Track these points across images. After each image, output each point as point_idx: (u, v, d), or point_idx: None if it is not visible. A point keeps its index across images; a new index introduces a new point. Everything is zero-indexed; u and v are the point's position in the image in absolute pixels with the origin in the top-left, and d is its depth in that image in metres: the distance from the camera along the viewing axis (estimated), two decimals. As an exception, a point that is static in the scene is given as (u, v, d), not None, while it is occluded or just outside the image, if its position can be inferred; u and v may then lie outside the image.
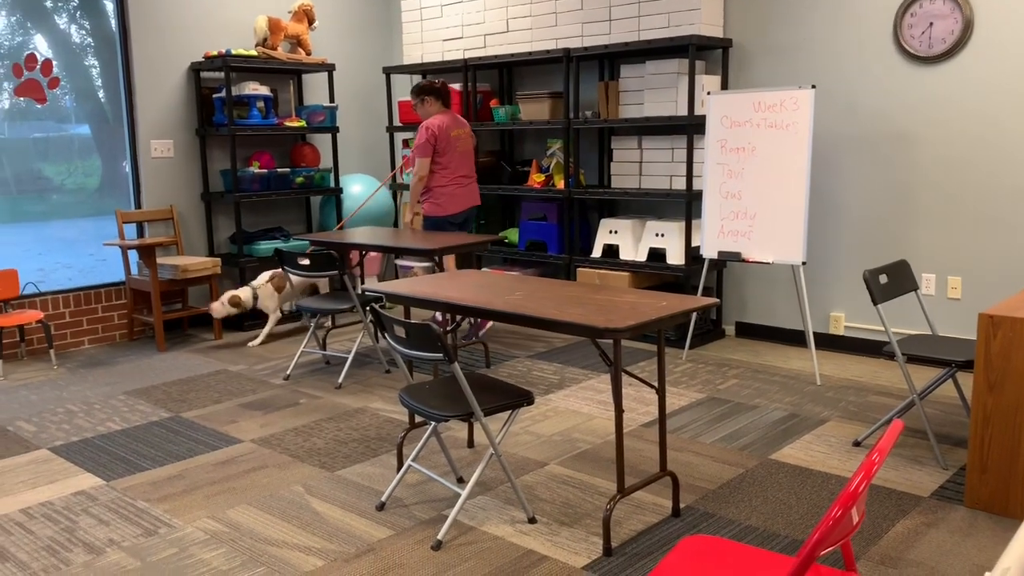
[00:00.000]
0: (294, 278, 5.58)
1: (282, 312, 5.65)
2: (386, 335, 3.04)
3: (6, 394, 4.66)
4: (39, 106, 5.52)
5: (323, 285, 5.87)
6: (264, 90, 6.14)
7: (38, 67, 5.50)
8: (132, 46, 5.77)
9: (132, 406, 4.40)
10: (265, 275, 5.55)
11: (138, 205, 5.95)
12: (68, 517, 3.13)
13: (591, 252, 5.85)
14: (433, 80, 5.30)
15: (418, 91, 5.29)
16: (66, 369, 5.16)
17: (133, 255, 5.84)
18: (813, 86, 4.51)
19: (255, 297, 5.50)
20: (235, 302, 5.39)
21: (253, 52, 5.98)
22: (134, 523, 3.07)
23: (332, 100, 6.54)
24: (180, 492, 3.32)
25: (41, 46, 5.51)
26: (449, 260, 5.59)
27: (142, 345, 5.70)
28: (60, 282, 5.68)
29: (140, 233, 6.01)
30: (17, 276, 5.26)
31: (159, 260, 5.61)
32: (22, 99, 5.46)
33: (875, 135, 4.88)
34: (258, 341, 5.57)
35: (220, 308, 5.40)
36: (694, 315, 5.11)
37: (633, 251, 5.48)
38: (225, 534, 2.96)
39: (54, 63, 5.55)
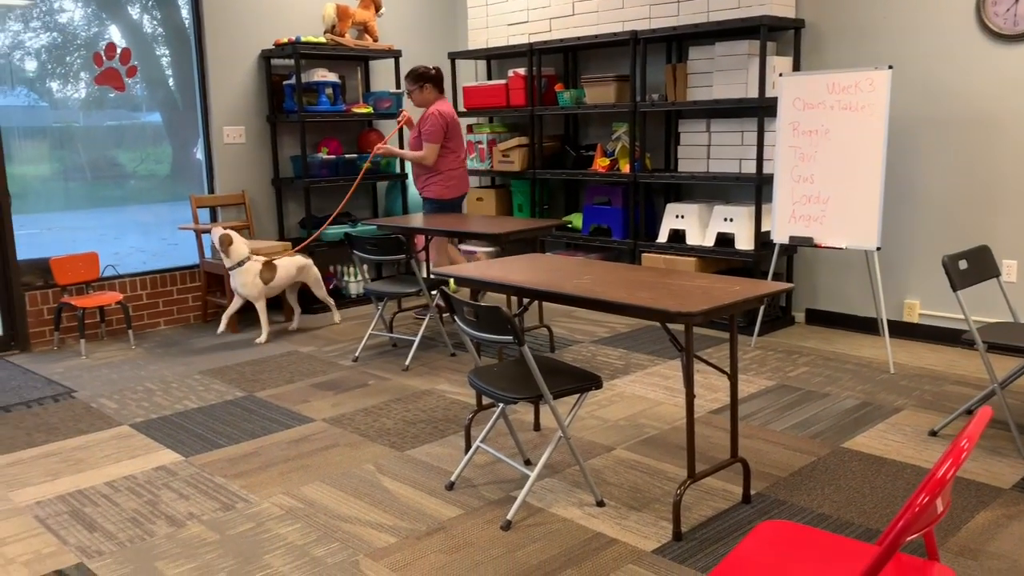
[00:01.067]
0: (281, 273, 5.37)
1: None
2: (455, 317, 3.07)
3: (88, 372, 4.85)
4: (113, 95, 5.70)
5: (311, 280, 5.59)
6: (332, 77, 6.23)
7: (117, 56, 5.67)
8: (206, 34, 5.90)
9: (207, 385, 4.53)
10: (261, 259, 5.32)
11: (211, 190, 6.10)
12: (150, 491, 3.25)
13: (656, 237, 5.80)
14: (428, 67, 5.41)
15: (417, 77, 5.39)
16: (143, 349, 5.33)
17: (207, 239, 5.99)
18: (890, 67, 4.38)
19: (241, 264, 5.24)
20: (227, 240, 5.19)
21: (322, 39, 6.06)
22: (212, 498, 3.17)
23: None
24: (256, 469, 3.42)
25: (115, 36, 5.68)
26: (443, 246, 5.53)
27: (215, 327, 5.86)
28: (134, 265, 5.87)
29: (213, 217, 6.17)
30: (98, 259, 5.45)
31: (232, 244, 5.73)
32: (98, 88, 5.64)
33: (954, 117, 4.72)
34: (263, 338, 5.40)
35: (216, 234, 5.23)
36: (764, 301, 5.04)
37: (700, 236, 5.42)
38: (300, 510, 3.04)
39: (132, 52, 5.72)
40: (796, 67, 5.26)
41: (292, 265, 5.44)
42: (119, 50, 5.67)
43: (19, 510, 3.11)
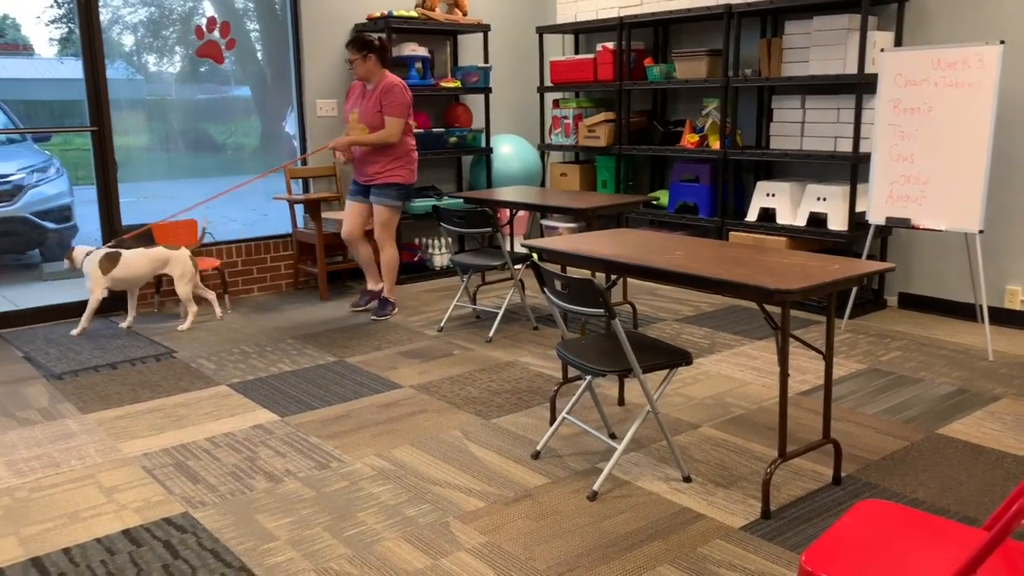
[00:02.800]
0: (134, 268, 4.97)
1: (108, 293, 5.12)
2: (545, 289, 3.10)
3: (188, 334, 5.05)
4: (204, 69, 5.88)
5: (176, 274, 5.10)
6: (422, 51, 6.29)
7: (217, 29, 5.84)
8: (301, 8, 6.03)
9: (300, 350, 4.68)
10: (102, 251, 4.95)
11: (304, 162, 6.25)
12: (248, 448, 3.39)
13: (745, 216, 5.70)
14: (373, 36, 4.99)
15: (361, 46, 4.92)
16: (239, 314, 5.53)
17: (299, 209, 6.15)
18: (1002, 42, 4.19)
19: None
20: (68, 256, 4.97)
21: (413, 13, 6.13)
22: (308, 456, 3.29)
23: (486, 61, 6.62)
24: (348, 430, 3.53)
25: (208, 11, 5.85)
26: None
27: (306, 294, 6.03)
28: (228, 234, 6.08)
29: (306, 189, 6.32)
30: (197, 226, 5.66)
31: (323, 214, 5.89)
32: (192, 61, 5.82)
33: (1069, 95, 4.49)
34: (126, 323, 5.23)
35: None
36: (863, 281, 4.92)
37: (791, 215, 5.31)
38: (391, 471, 3.13)
39: (231, 25, 5.88)
40: (898, 42, 5.08)
41: (144, 257, 4.98)
42: (219, 23, 5.84)
43: (128, 460, 3.29)
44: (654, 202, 6.31)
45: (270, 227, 6.27)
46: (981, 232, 4.33)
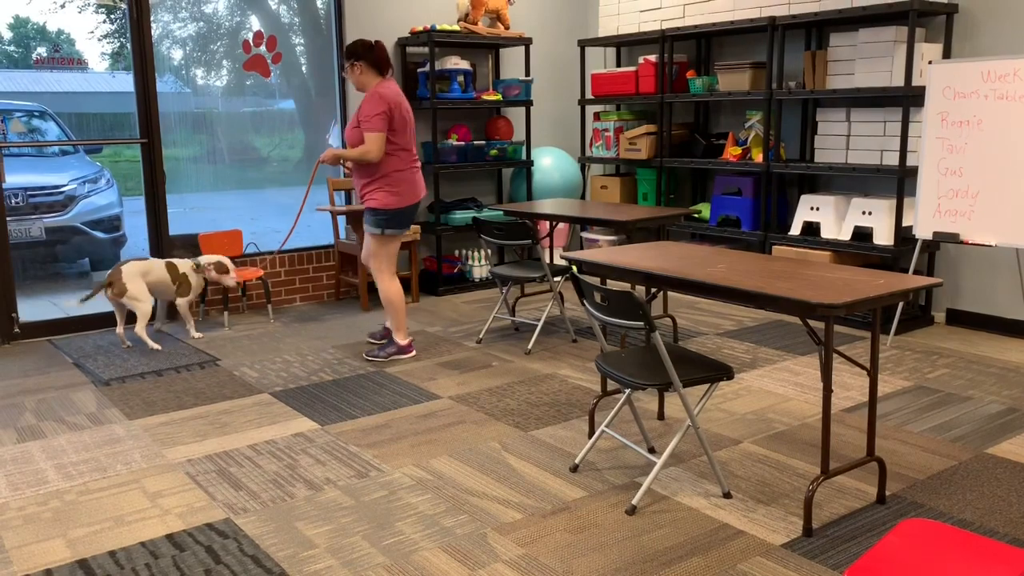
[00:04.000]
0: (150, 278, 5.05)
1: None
2: (584, 301, 3.09)
3: (232, 342, 5.14)
4: (250, 82, 5.99)
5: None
6: (464, 64, 6.34)
7: (264, 43, 5.95)
8: (346, 22, 6.12)
9: (341, 359, 4.73)
10: (190, 262, 5.18)
11: (346, 174, 6.32)
12: (289, 455, 3.43)
13: (788, 230, 5.64)
14: (368, 40, 4.51)
15: (348, 54, 4.49)
16: (281, 323, 5.60)
17: (341, 221, 6.22)
18: (1054, 53, 4.10)
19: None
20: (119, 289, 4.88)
21: (456, 27, 6.18)
22: (347, 465, 3.31)
23: (528, 74, 6.65)
24: (387, 440, 3.55)
25: (255, 26, 5.96)
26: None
27: (347, 304, 6.09)
28: (271, 244, 6.17)
29: (348, 200, 6.40)
30: (241, 236, 5.76)
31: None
32: (239, 75, 5.94)
33: (1126, 107, 4.37)
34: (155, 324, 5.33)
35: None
36: (904, 300, 4.83)
37: (836, 230, 5.23)
38: (429, 481, 3.14)
39: (277, 39, 6.00)
40: (947, 54, 5.00)
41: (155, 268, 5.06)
42: (266, 37, 5.95)
43: (172, 466, 3.35)
44: (695, 215, 6.27)
45: (313, 238, 6.35)
46: (1033, 247, 4.23)
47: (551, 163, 6.88)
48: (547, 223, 6.64)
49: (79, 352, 4.97)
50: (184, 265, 5.12)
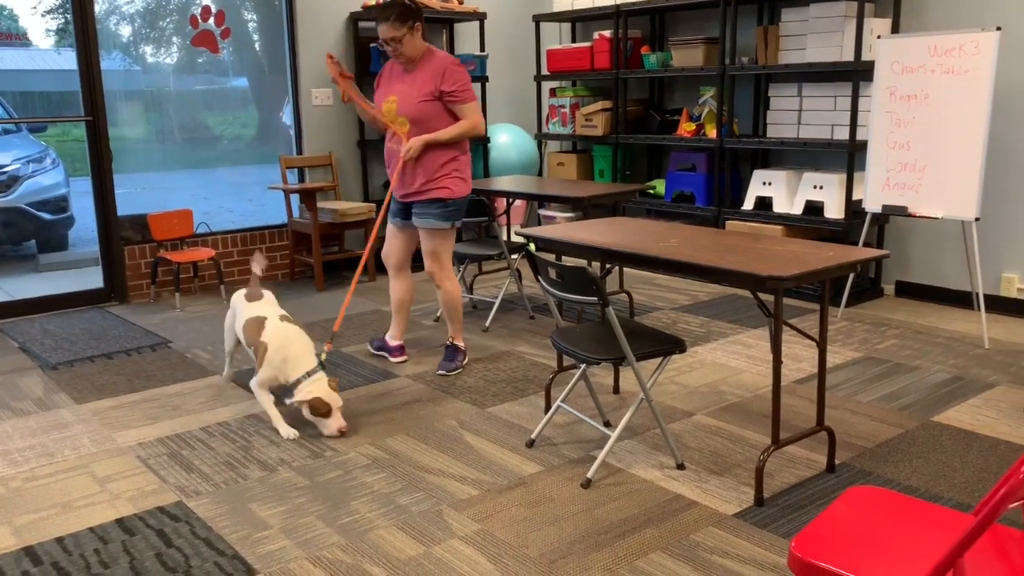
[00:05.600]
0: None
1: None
2: (539, 277, 3.09)
3: (183, 324, 5.05)
4: (202, 59, 5.85)
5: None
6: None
7: (212, 18, 5.81)
8: (296, -3, 6.00)
9: (295, 340, 4.67)
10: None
11: (299, 151, 6.23)
12: (243, 437, 3.39)
13: (741, 204, 5.69)
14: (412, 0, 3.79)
15: (407, 14, 3.66)
16: (235, 304, 5.52)
17: (295, 199, 6.14)
18: (998, 28, 4.17)
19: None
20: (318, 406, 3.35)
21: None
22: (302, 446, 3.29)
23: (483, 49, 6.59)
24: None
25: (205, 0, 5.82)
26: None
27: (302, 285, 6.02)
28: (224, 224, 6.07)
29: (301, 178, 6.31)
30: (192, 216, 5.65)
31: (318, 204, 5.87)
32: (188, 52, 5.80)
33: (1067, 81, 4.48)
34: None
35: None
36: (852, 272, 4.91)
37: (788, 204, 5.29)
38: (385, 460, 3.13)
39: (225, 14, 5.86)
40: (895, 29, 5.06)
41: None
42: (214, 12, 5.81)
43: (123, 450, 3.29)
44: (651, 191, 6.29)
45: (267, 217, 6.26)
46: (977, 220, 4.32)
47: (508, 140, 6.84)
48: (504, 200, 6.62)
49: (25, 336, 4.85)
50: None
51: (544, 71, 7.14)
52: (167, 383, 4.03)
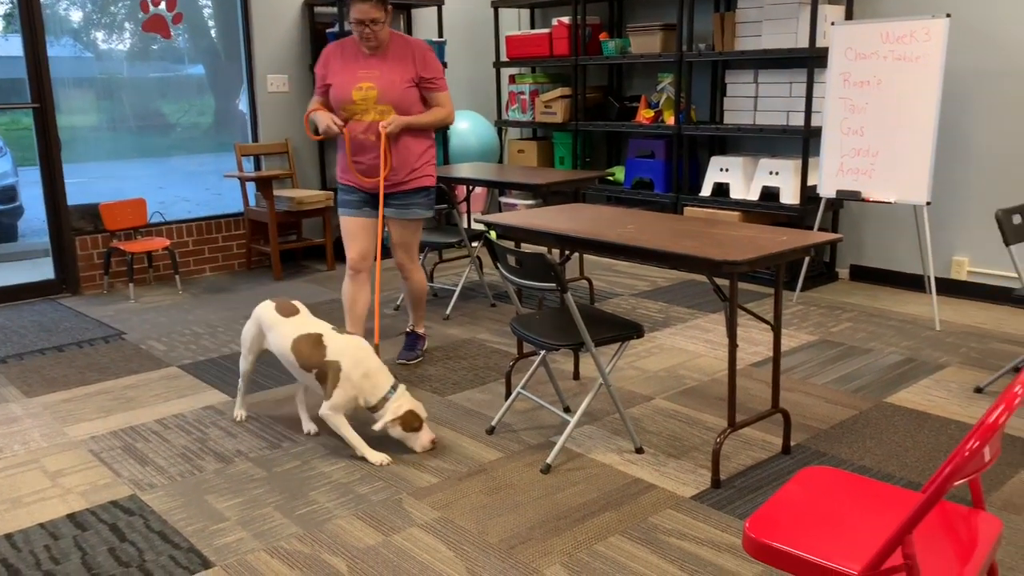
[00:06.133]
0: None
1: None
2: (498, 265, 3.08)
3: (138, 315, 4.96)
4: (157, 46, 5.73)
5: None
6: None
7: (163, 2, 5.69)
8: (250, -19, 5.90)
9: (253, 330, 4.62)
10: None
11: (255, 139, 6.14)
12: (199, 428, 3.34)
13: (699, 191, 5.73)
14: None
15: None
16: (190, 294, 5.44)
17: (251, 187, 6.05)
18: (948, 15, 4.24)
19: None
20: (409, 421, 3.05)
21: (365, -14, 6.01)
22: (259, 437, 3.25)
23: (441, 35, 6.54)
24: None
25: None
26: None
27: (259, 274, 5.95)
28: (180, 213, 5.96)
29: (257, 166, 6.22)
30: (145, 205, 5.54)
31: (275, 192, 5.80)
32: (142, 38, 5.67)
33: (1013, 69, 4.57)
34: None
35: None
36: (807, 256, 4.97)
37: (744, 190, 5.34)
38: (343, 450, 3.11)
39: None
40: (849, 15, 5.11)
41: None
42: (165, -3, 5.69)
43: (74, 444, 3.22)
44: (610, 178, 6.31)
45: (224, 206, 6.16)
46: (929, 204, 4.40)
47: (468, 127, 6.81)
48: (464, 187, 6.59)
49: (-28, 329, 4.73)
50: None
51: (503, 58, 7.11)
52: (121, 375, 3.96)
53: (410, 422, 3.00)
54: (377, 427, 2.98)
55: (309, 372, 3.05)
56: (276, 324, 3.16)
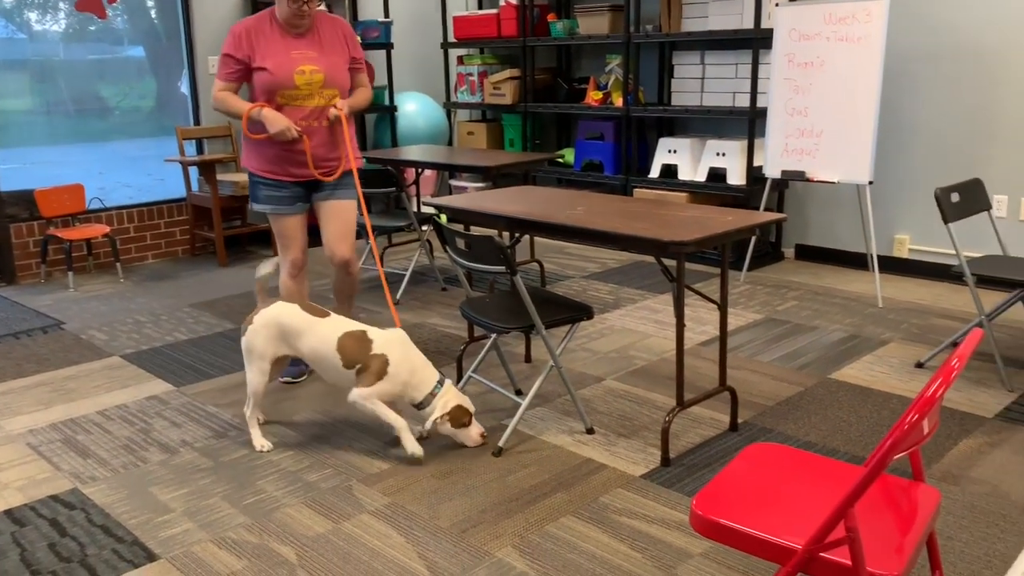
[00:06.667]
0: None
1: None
2: (448, 248, 3.06)
3: (77, 304, 4.82)
4: (94, 27, 5.55)
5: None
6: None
7: (97, -19, 5.50)
8: (188, -40, 5.73)
9: (197, 318, 4.52)
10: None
11: (197, 122, 6.00)
12: (142, 419, 3.27)
13: (648, 173, 5.76)
14: None
15: None
16: (132, 282, 5.30)
17: (193, 172, 5.91)
18: (888, -4, 4.30)
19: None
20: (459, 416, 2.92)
21: (308, -35, 5.89)
22: (205, 426, 3.19)
23: (387, 15, 6.45)
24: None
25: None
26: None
27: (203, 260, 5.83)
28: (121, 199, 5.80)
29: (200, 150, 6.08)
30: (83, 191, 5.38)
31: (218, 177, 5.67)
32: (78, 19, 5.49)
33: (952, 49, 4.66)
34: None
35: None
36: (753, 237, 5.04)
37: (692, 171, 5.38)
38: (292, 438, 3.06)
39: (113, -23, 5.56)
40: (793, -2, 5.16)
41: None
42: (99, -25, 5.50)
43: (11, 438, 3.13)
44: (560, 160, 6.31)
45: (166, 191, 6.01)
46: (871, 183, 4.48)
47: (415, 109, 6.74)
48: (413, 170, 6.53)
49: (-99, 322, 4.55)
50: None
51: (451, 38, 7.04)
52: (60, 366, 3.85)
53: (459, 418, 2.88)
54: (427, 427, 2.85)
55: (350, 369, 2.87)
56: (311, 326, 2.90)
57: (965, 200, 3.51)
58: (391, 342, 2.88)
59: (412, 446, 2.84)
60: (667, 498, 2.59)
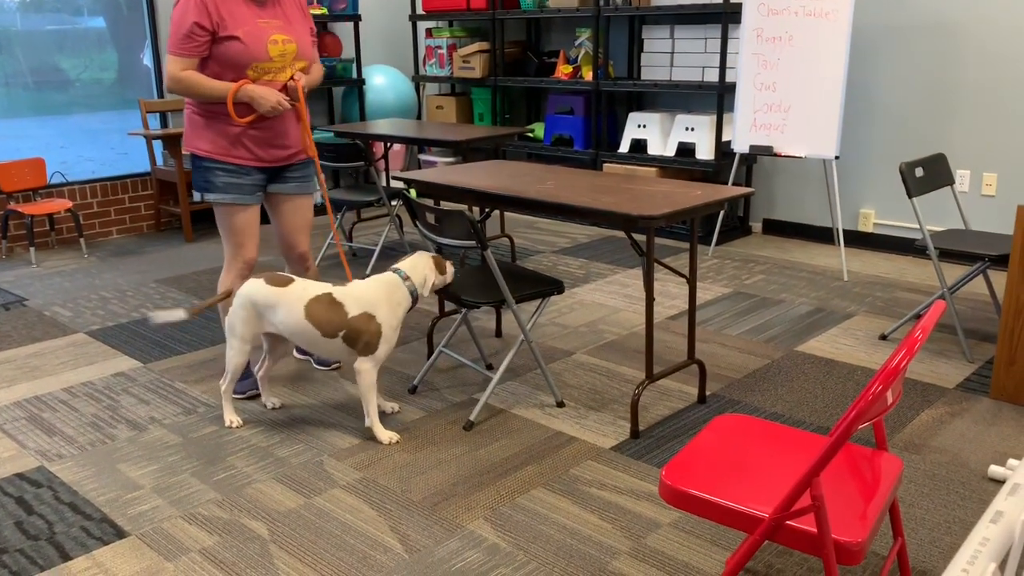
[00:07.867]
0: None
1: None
2: (418, 223, 3.04)
3: (40, 281, 4.74)
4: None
5: None
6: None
7: (55, -51, 5.36)
8: (149, -73, 5.60)
9: (163, 293, 4.47)
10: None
11: (160, 95, 5.89)
12: (110, 396, 3.23)
13: (618, 147, 5.76)
14: None
15: None
16: (97, 258, 5.22)
17: (158, 146, 5.81)
18: (856, -29, 4.33)
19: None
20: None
21: (273, -65, 5.78)
22: (173, 402, 3.16)
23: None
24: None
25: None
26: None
27: (169, 235, 5.75)
28: (83, 174, 5.69)
29: (164, 123, 5.97)
30: (44, 165, 5.27)
31: (183, 150, 5.58)
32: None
33: (918, 24, 4.70)
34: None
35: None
36: (721, 211, 5.07)
37: (661, 146, 5.40)
38: (262, 413, 3.05)
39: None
40: (762, -28, 5.16)
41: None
42: (56, -58, 5.35)
43: (-25, 416, 3.08)
44: (530, 134, 6.29)
45: (131, 166, 5.90)
46: (837, 158, 4.53)
47: (384, 82, 6.67)
48: (382, 145, 6.47)
49: None
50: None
51: (419, 10, 6.96)
52: (24, 343, 3.79)
53: (440, 267, 2.87)
54: (425, 294, 2.82)
55: (334, 339, 2.73)
56: (278, 299, 2.75)
57: (929, 175, 3.56)
58: (361, 299, 2.73)
59: (386, 436, 2.83)
60: (636, 469, 2.62)
